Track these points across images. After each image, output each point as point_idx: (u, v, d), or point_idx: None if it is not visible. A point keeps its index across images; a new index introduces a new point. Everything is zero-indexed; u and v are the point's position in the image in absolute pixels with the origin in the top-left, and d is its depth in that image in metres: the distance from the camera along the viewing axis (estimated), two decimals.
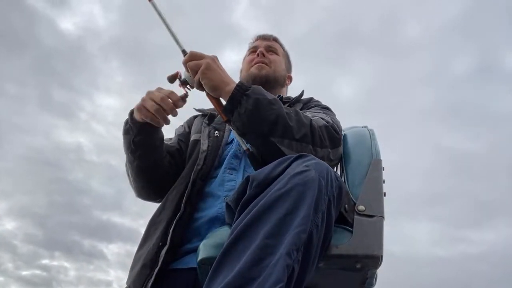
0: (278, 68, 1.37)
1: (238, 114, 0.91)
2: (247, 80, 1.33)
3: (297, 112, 0.96)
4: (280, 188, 0.67)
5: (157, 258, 0.93)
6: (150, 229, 1.03)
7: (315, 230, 0.65)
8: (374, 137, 1.04)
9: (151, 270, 0.92)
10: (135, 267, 0.97)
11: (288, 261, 0.58)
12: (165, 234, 0.96)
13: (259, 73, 1.32)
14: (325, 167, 0.72)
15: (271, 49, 1.41)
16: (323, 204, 0.68)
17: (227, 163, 1.08)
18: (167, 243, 0.93)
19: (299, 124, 0.92)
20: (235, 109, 0.91)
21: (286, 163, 0.74)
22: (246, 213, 0.67)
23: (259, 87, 0.95)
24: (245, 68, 1.39)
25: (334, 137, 1.00)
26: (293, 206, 0.64)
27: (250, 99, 0.90)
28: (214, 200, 1.01)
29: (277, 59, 1.39)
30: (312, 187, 0.66)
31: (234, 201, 0.78)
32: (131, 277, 0.97)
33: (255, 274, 0.57)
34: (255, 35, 1.47)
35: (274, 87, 1.34)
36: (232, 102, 0.91)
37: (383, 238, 0.81)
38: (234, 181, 1.04)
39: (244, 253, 0.60)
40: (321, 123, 1.00)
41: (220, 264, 0.62)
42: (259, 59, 1.35)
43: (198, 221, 0.98)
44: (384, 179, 0.92)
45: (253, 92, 0.92)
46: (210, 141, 1.14)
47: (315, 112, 1.12)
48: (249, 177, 0.76)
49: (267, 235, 0.61)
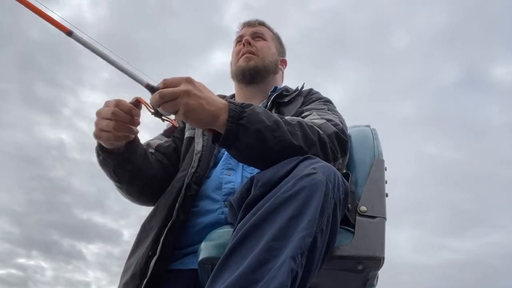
0: (267, 54, 1.28)
1: (237, 150, 0.80)
2: (236, 75, 1.26)
3: (302, 127, 0.84)
4: (287, 190, 0.66)
5: (147, 268, 0.89)
6: (141, 236, 0.98)
7: (320, 234, 0.64)
8: (376, 137, 1.04)
9: (141, 281, 0.89)
10: (125, 275, 0.94)
11: (292, 265, 0.57)
12: (155, 243, 0.92)
13: (247, 65, 1.24)
14: (332, 170, 0.71)
15: (258, 35, 1.31)
16: (329, 208, 0.67)
17: (225, 163, 1.03)
18: (157, 253, 0.89)
19: (307, 143, 0.82)
20: (232, 145, 0.79)
21: (293, 164, 0.72)
22: (251, 214, 0.66)
23: (253, 110, 0.79)
24: (234, 60, 1.31)
25: (344, 143, 0.92)
26: (299, 209, 0.63)
27: (248, 132, 0.77)
28: (212, 204, 0.97)
29: (265, 45, 1.30)
30: (319, 190, 0.65)
31: (237, 200, 0.76)
32: (120, 286, 0.94)
33: (258, 276, 0.56)
34: (240, 23, 1.37)
35: (265, 76, 1.26)
36: (228, 139, 0.77)
37: (385, 240, 0.80)
38: (233, 182, 0.99)
39: (249, 255, 0.59)
40: (331, 130, 0.90)
41: (223, 264, 0.61)
42: (245, 49, 1.26)
43: (197, 226, 0.95)
44: (387, 180, 0.92)
45: (249, 121, 0.77)
46: (204, 140, 1.08)
47: (318, 108, 1.06)
48: (253, 177, 0.75)
49: (272, 237, 0.60)
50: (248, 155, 0.80)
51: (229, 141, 0.78)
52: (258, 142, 0.77)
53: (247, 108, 0.79)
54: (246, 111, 0.78)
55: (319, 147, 0.84)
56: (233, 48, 1.35)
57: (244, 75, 1.24)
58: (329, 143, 0.86)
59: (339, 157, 0.89)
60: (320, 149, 0.84)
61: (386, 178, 0.92)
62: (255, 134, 0.77)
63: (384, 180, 0.92)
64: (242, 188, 0.77)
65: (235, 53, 1.31)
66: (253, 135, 0.77)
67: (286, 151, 0.78)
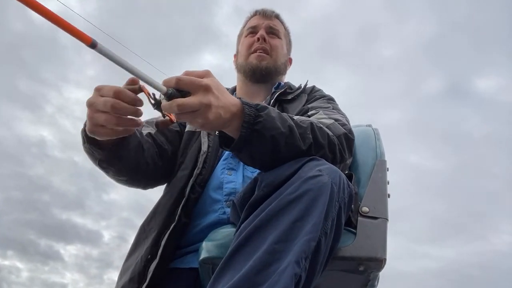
0: (279, 55, 1.24)
1: (248, 155, 0.76)
2: (245, 71, 1.21)
3: (313, 130, 0.80)
4: (292, 192, 0.64)
5: (146, 272, 0.86)
6: (140, 237, 0.95)
7: (324, 238, 0.63)
8: (379, 137, 1.03)
9: (139, 285, 0.86)
10: (122, 278, 0.90)
11: (296, 270, 0.56)
12: (155, 246, 0.89)
13: (259, 65, 1.19)
14: (338, 173, 0.70)
15: (273, 30, 1.25)
16: (334, 211, 0.66)
17: (226, 162, 1.01)
18: (157, 257, 0.86)
19: (316, 147, 0.79)
20: (243, 149, 0.74)
21: (298, 165, 0.71)
22: (255, 215, 0.65)
23: (268, 114, 0.74)
24: (244, 54, 1.24)
25: (352, 144, 0.91)
26: (304, 212, 0.62)
27: (263, 138, 0.72)
28: (213, 204, 0.94)
29: (279, 44, 1.25)
30: (324, 193, 0.64)
31: (240, 200, 0.75)
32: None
33: (261, 279, 0.55)
34: (254, 9, 1.30)
35: (274, 77, 1.24)
36: (240, 144, 0.73)
37: (387, 241, 0.79)
38: (234, 182, 0.97)
39: (252, 256, 0.58)
40: (340, 132, 0.88)
41: (226, 265, 0.60)
42: (260, 46, 1.21)
43: (198, 227, 0.93)
44: (389, 180, 0.91)
45: (264, 127, 0.72)
46: (210, 140, 1.04)
47: (324, 107, 1.05)
48: (257, 177, 0.74)
49: (276, 240, 0.59)
50: (257, 160, 0.77)
51: (241, 146, 0.73)
52: (270, 149, 0.74)
53: (263, 112, 0.73)
54: (262, 116, 0.72)
55: (328, 149, 0.81)
56: (242, 35, 1.29)
57: (254, 74, 1.20)
58: (338, 145, 0.84)
59: (347, 158, 0.88)
60: (329, 151, 0.81)
61: (388, 178, 0.92)
62: (269, 141, 0.73)
63: (386, 180, 0.91)
64: (246, 188, 0.75)
65: (246, 45, 1.24)
66: (267, 142, 0.73)
67: (295, 156, 0.75)
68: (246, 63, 1.22)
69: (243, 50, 1.25)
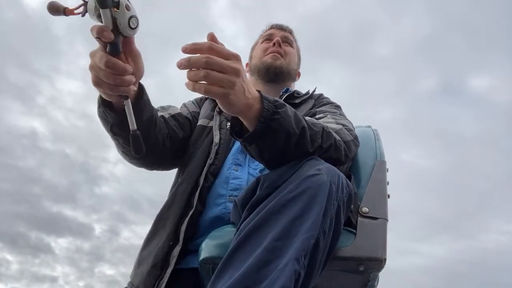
0: (292, 61, 1.32)
1: (258, 149, 0.76)
2: (259, 69, 1.27)
3: (323, 134, 0.81)
4: (291, 190, 0.65)
5: (168, 258, 0.88)
6: (158, 225, 0.97)
7: (323, 236, 0.64)
8: (378, 137, 1.04)
9: (162, 270, 0.87)
10: (143, 265, 0.91)
11: (296, 267, 0.57)
12: (176, 233, 0.91)
13: (274, 63, 1.26)
14: (336, 172, 0.71)
15: (287, 40, 1.35)
16: (332, 210, 0.67)
17: (234, 158, 1.03)
18: (180, 242, 0.89)
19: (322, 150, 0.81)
20: (254, 142, 0.75)
21: (298, 166, 0.72)
22: (255, 213, 0.66)
23: (286, 112, 0.74)
24: (259, 55, 1.31)
25: (356, 150, 0.95)
26: (303, 210, 0.63)
27: (277, 135, 0.73)
28: (218, 198, 0.96)
29: (292, 52, 1.34)
30: (323, 191, 0.65)
31: (241, 200, 0.76)
32: (138, 276, 0.91)
33: (262, 277, 0.56)
34: (270, 23, 1.41)
35: (285, 80, 1.29)
36: (253, 137, 0.74)
37: (387, 241, 0.80)
38: (240, 178, 0.98)
39: (252, 254, 0.59)
40: (348, 138, 0.91)
41: (226, 263, 0.61)
42: (275, 49, 1.28)
43: (200, 220, 0.94)
44: (388, 181, 0.92)
45: (281, 125, 0.72)
46: (222, 133, 1.07)
47: (332, 112, 1.07)
48: (260, 177, 0.74)
49: (275, 237, 0.60)
50: (265, 155, 0.78)
51: (252, 140, 0.74)
52: (281, 147, 0.75)
53: (281, 109, 0.73)
54: (280, 113, 0.73)
55: (333, 153, 0.83)
56: (258, 44, 1.37)
57: (268, 71, 1.26)
58: (344, 150, 0.87)
59: (351, 160, 0.91)
60: (334, 155, 0.84)
61: (388, 179, 0.92)
62: (281, 140, 0.73)
63: (386, 181, 0.92)
64: (248, 188, 0.76)
65: (261, 49, 1.32)
66: (279, 140, 0.73)
67: (301, 156, 0.77)
68: (261, 62, 1.28)
69: (258, 53, 1.33)
